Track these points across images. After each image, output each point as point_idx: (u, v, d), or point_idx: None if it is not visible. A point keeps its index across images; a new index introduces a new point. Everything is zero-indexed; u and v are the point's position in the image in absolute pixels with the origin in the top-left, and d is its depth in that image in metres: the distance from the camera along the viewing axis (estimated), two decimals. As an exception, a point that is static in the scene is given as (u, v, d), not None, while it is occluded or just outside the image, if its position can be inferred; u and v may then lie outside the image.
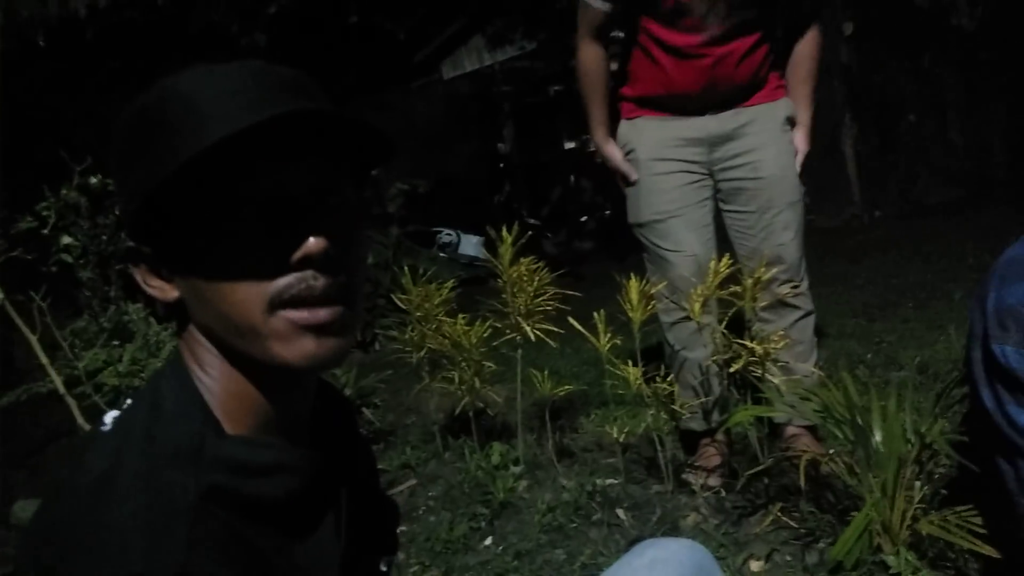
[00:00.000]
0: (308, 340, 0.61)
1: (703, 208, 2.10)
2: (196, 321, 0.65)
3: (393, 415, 3.05)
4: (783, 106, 2.11)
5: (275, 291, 0.60)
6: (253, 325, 0.60)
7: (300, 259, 0.59)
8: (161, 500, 0.56)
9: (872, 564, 1.56)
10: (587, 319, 2.11)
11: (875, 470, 1.58)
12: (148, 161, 0.58)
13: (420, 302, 2.36)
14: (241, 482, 0.61)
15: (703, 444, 2.17)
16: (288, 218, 0.60)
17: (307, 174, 0.61)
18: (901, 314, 3.60)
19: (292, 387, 0.67)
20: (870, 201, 7.65)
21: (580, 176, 9.76)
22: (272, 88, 0.60)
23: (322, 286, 0.60)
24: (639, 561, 0.94)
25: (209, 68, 0.61)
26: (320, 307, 0.61)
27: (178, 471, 0.58)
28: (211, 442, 0.61)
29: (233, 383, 0.64)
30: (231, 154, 0.57)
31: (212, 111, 0.57)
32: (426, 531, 2.08)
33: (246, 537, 0.60)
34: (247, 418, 0.64)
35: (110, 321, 3.12)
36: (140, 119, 0.61)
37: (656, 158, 2.09)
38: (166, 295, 0.64)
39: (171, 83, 0.60)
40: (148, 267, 0.65)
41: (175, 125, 0.58)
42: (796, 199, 2.09)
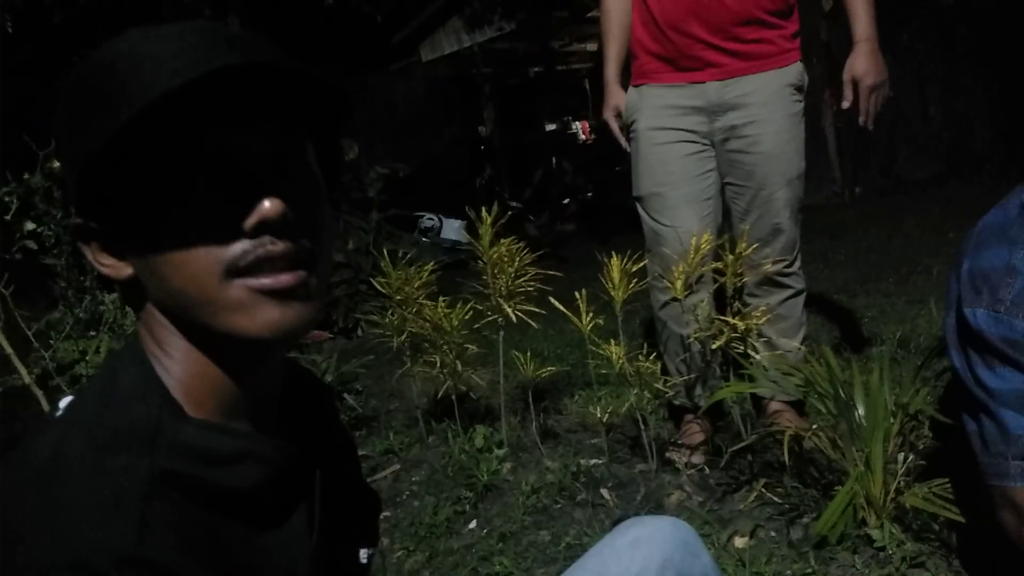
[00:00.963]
0: (270, 307, 0.58)
1: (705, 181, 2.02)
2: (153, 298, 0.61)
3: (376, 400, 3.03)
4: (792, 73, 1.98)
5: (231, 258, 0.56)
6: (210, 296, 0.57)
7: (256, 224, 0.56)
8: (110, 483, 0.54)
9: (856, 538, 1.56)
10: (569, 301, 2.09)
11: (858, 444, 1.58)
12: (90, 125, 0.55)
13: (400, 285, 2.33)
14: (201, 470, 0.58)
15: (686, 421, 2.17)
16: (242, 183, 0.57)
17: (261, 138, 0.58)
18: (882, 289, 3.62)
19: (257, 364, 0.64)
20: (851, 178, 7.69)
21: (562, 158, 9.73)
22: (221, 45, 0.57)
23: (281, 251, 0.57)
24: (622, 540, 0.92)
25: (152, 28, 0.58)
26: (283, 272, 0.58)
27: (129, 455, 0.55)
28: (169, 426, 0.58)
29: (195, 363, 0.61)
30: (179, 116, 0.54)
31: (156, 69, 0.54)
32: (410, 516, 2.06)
33: (207, 526, 0.57)
34: (210, 401, 0.61)
35: (86, 312, 3.07)
36: (81, 83, 0.57)
37: (657, 127, 2.03)
38: (119, 273, 0.61)
39: (112, 45, 0.57)
40: (99, 244, 0.61)
41: (117, 86, 0.55)
42: (794, 176, 1.99)
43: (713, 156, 2.03)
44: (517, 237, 2.27)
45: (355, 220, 4.50)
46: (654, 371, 1.98)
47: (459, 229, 6.72)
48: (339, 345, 3.92)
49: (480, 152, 9.69)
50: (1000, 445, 1.16)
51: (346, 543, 0.77)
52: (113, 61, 0.56)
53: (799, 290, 2.09)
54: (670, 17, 1.98)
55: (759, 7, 1.94)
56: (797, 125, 2.00)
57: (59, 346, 2.59)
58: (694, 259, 1.92)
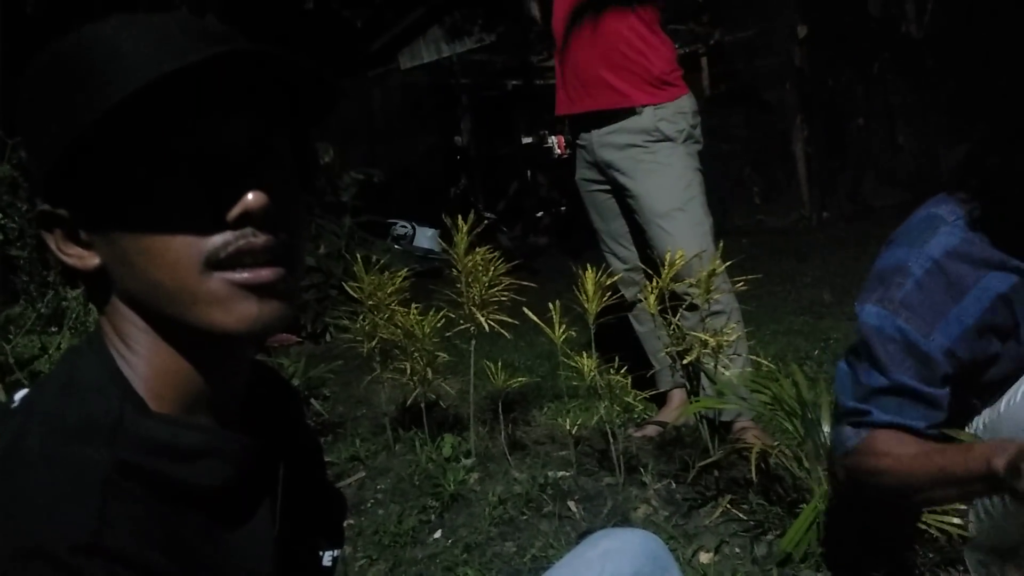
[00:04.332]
0: (249, 302, 0.57)
1: (619, 220, 2.37)
2: (121, 291, 0.60)
3: (343, 407, 3.00)
4: (647, 117, 2.22)
5: (211, 249, 0.55)
6: (187, 288, 0.56)
7: (239, 215, 0.56)
8: (68, 473, 0.53)
9: (820, 556, 1.57)
10: (541, 312, 2.09)
11: (824, 462, 1.59)
12: (66, 111, 0.54)
13: (372, 291, 2.31)
14: (163, 465, 0.57)
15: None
16: (225, 173, 0.56)
17: (243, 128, 0.57)
18: (847, 312, 3.67)
19: (224, 361, 0.62)
20: (818, 202, 7.82)
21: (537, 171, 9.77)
22: (202, 37, 0.56)
23: (263, 243, 0.56)
24: (593, 552, 0.92)
25: (132, 16, 0.57)
26: (262, 267, 0.57)
27: (88, 446, 0.54)
28: (130, 420, 0.56)
29: (160, 358, 0.60)
30: (160, 105, 0.53)
31: (138, 57, 0.53)
32: (374, 524, 2.04)
33: (167, 520, 0.56)
34: (173, 396, 0.60)
35: (48, 307, 3.00)
36: (55, 67, 0.56)
37: (581, 178, 2.44)
38: (86, 263, 0.59)
39: (90, 30, 0.56)
40: (64, 232, 0.59)
41: (96, 72, 0.53)
42: (672, 208, 2.20)
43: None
44: (490, 248, 2.27)
45: (328, 224, 4.47)
46: (624, 384, 1.98)
47: (432, 238, 6.70)
48: (307, 349, 3.88)
49: (455, 162, 9.69)
50: (838, 420, 1.33)
51: (309, 543, 0.76)
52: (92, 45, 0.55)
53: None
54: (566, 78, 2.35)
55: (604, 65, 2.22)
56: (665, 163, 2.22)
57: (18, 341, 2.53)
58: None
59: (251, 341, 0.63)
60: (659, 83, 2.23)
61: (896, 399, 1.23)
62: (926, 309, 1.21)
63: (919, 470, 1.17)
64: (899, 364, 1.22)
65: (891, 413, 1.23)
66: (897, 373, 1.22)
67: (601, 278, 2.01)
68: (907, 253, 1.24)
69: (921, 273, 1.22)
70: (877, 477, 1.24)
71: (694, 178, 2.24)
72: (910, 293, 1.21)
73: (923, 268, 1.22)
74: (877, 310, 1.25)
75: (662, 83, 2.24)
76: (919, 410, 1.23)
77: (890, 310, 1.23)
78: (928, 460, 1.16)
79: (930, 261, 1.22)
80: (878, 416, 1.24)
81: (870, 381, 1.25)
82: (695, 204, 2.21)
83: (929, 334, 1.21)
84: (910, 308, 1.21)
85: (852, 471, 1.29)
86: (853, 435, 1.27)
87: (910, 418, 1.23)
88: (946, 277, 1.21)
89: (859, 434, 1.26)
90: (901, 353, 1.22)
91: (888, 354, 1.22)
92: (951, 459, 1.12)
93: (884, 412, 1.24)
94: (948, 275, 1.21)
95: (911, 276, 1.22)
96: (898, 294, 1.22)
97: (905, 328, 1.21)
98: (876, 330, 1.24)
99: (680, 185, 2.21)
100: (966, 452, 1.11)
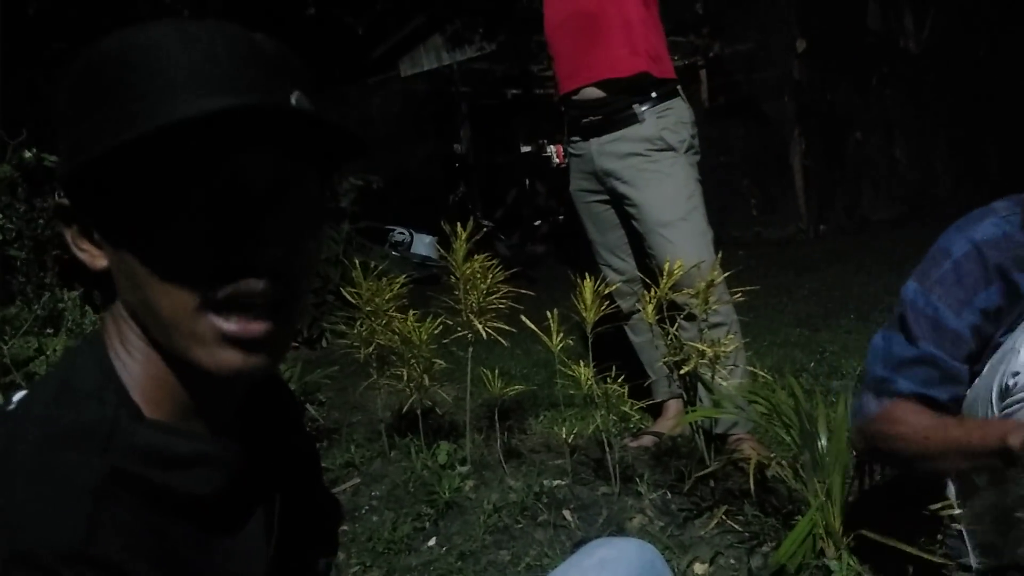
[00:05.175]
0: (233, 353, 0.57)
1: (617, 231, 2.37)
2: (123, 298, 0.60)
3: (338, 412, 2.99)
4: (649, 125, 2.22)
5: (212, 287, 0.55)
6: (179, 323, 0.56)
7: (230, 294, 0.55)
8: (60, 479, 0.52)
9: (815, 568, 1.57)
10: (539, 320, 2.09)
11: (820, 474, 1.59)
12: (102, 119, 0.54)
13: (370, 297, 2.31)
14: (156, 472, 0.56)
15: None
16: (242, 207, 0.55)
17: (269, 166, 0.56)
18: (844, 325, 3.68)
19: (218, 381, 0.62)
20: (816, 215, 7.84)
21: (535, 180, 9.79)
22: (249, 63, 0.55)
23: (261, 289, 0.56)
24: (589, 561, 0.92)
25: (179, 25, 0.56)
26: (254, 320, 0.56)
27: (81, 452, 0.54)
28: (124, 426, 0.56)
29: (156, 367, 0.60)
30: (190, 135, 0.52)
31: (181, 79, 0.53)
32: (368, 531, 2.03)
33: (159, 528, 0.56)
34: (168, 403, 0.60)
35: (44, 308, 2.99)
36: (99, 69, 0.55)
37: (576, 189, 2.43)
38: (95, 263, 0.60)
39: (135, 35, 0.55)
40: (80, 228, 0.59)
41: (138, 86, 0.53)
42: (674, 219, 2.19)
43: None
44: (488, 256, 2.28)
45: (326, 230, 4.47)
46: (621, 394, 1.98)
47: (430, 245, 6.70)
48: (303, 355, 3.87)
49: (454, 170, 9.71)
50: (863, 389, 1.38)
51: (304, 551, 0.76)
52: (136, 55, 0.54)
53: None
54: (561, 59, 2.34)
55: (599, 35, 2.21)
56: (667, 173, 2.22)
57: (15, 342, 2.52)
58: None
59: (231, 382, 0.62)
60: (655, 55, 2.22)
61: (923, 371, 1.31)
62: (959, 289, 1.29)
63: (933, 439, 1.24)
64: (929, 337, 1.30)
65: (916, 384, 1.31)
66: (927, 345, 1.30)
67: (599, 287, 2.01)
68: (954, 236, 1.33)
69: (960, 255, 1.30)
70: (892, 443, 1.32)
71: (695, 188, 2.24)
72: (947, 273, 1.30)
73: (962, 251, 1.30)
74: (915, 286, 1.34)
75: (658, 56, 2.23)
76: (943, 384, 1.31)
77: (926, 287, 1.32)
78: (943, 431, 1.24)
79: (970, 245, 1.30)
80: (903, 386, 1.32)
81: (901, 352, 1.33)
82: (697, 214, 2.21)
83: (960, 312, 1.29)
84: (944, 286, 1.30)
85: (869, 437, 1.37)
86: (875, 403, 1.35)
87: (933, 391, 1.31)
88: (983, 262, 1.28)
89: (880, 403, 1.34)
90: (932, 327, 1.30)
91: (920, 327, 1.31)
92: (965, 432, 1.20)
93: (909, 382, 1.32)
94: (985, 261, 1.28)
95: (950, 257, 1.31)
96: (936, 273, 1.31)
97: (938, 305, 1.30)
98: (911, 304, 1.33)
99: (683, 195, 2.20)
100: (982, 427, 1.19)
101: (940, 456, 1.25)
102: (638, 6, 2.21)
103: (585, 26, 2.23)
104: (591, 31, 2.22)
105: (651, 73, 2.20)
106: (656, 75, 2.21)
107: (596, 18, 2.21)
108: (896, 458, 1.39)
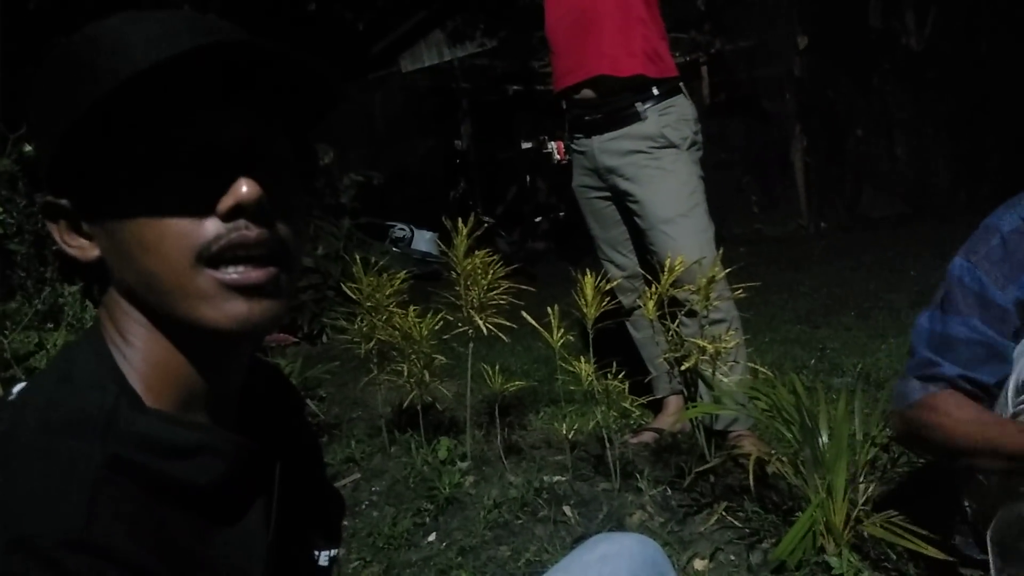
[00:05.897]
0: (237, 301, 0.57)
1: (619, 227, 2.37)
2: (118, 282, 0.60)
3: (338, 408, 2.99)
4: (652, 123, 2.21)
5: (203, 242, 0.56)
6: (179, 282, 0.56)
7: (232, 207, 0.56)
8: (60, 466, 0.53)
9: (815, 564, 1.57)
10: (539, 316, 2.09)
11: (821, 471, 1.59)
12: (69, 100, 0.54)
13: (371, 292, 2.31)
14: (156, 461, 0.57)
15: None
16: (218, 162, 0.56)
17: (238, 120, 0.57)
18: (844, 322, 3.68)
19: (221, 357, 0.62)
20: (816, 212, 7.84)
21: (536, 176, 9.77)
22: (207, 32, 0.56)
23: (255, 237, 0.57)
24: (590, 556, 0.92)
25: (139, 12, 0.57)
26: (253, 267, 0.57)
27: (81, 440, 0.54)
28: (125, 415, 0.56)
29: (156, 352, 0.60)
30: (159, 95, 0.53)
31: (140, 48, 0.53)
32: (368, 526, 2.03)
33: (159, 517, 0.56)
34: (169, 392, 0.60)
35: (44, 303, 2.99)
36: (63, 60, 0.56)
37: (579, 185, 2.43)
38: (86, 254, 0.60)
39: (97, 25, 0.57)
40: (68, 223, 0.60)
41: (100, 63, 0.54)
42: (673, 216, 2.18)
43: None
44: (489, 252, 2.27)
45: (326, 226, 4.46)
46: (621, 390, 1.98)
47: (430, 241, 6.70)
48: (303, 350, 3.87)
49: (455, 166, 9.70)
50: (907, 372, 1.35)
51: (304, 544, 0.76)
52: (96, 37, 0.56)
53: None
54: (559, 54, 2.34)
55: (598, 33, 2.20)
56: (669, 169, 2.21)
57: (15, 336, 2.52)
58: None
59: (244, 339, 0.62)
60: (654, 55, 2.22)
61: (969, 349, 1.28)
62: (1006, 264, 1.27)
63: (973, 437, 1.23)
64: (976, 313, 1.28)
65: (961, 365, 1.29)
66: (974, 320, 1.28)
67: (600, 283, 2.01)
68: (1003, 213, 1.32)
69: (1008, 231, 1.29)
70: (931, 432, 1.29)
71: (698, 185, 2.23)
72: (995, 248, 1.29)
73: (1011, 227, 1.29)
74: (962, 262, 1.32)
75: (657, 55, 2.23)
76: (989, 364, 1.28)
77: (973, 262, 1.30)
78: (983, 429, 1.22)
79: (1020, 220, 1.28)
80: (948, 369, 1.29)
81: (947, 329, 1.31)
82: (699, 211, 2.21)
83: (1005, 287, 1.27)
84: (991, 261, 1.28)
85: (909, 423, 1.34)
86: (919, 388, 1.32)
87: (979, 372, 1.28)
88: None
89: (926, 388, 1.32)
90: (978, 303, 1.28)
91: (967, 303, 1.29)
92: (1007, 435, 1.18)
93: (955, 364, 1.29)
94: None
95: (998, 233, 1.29)
96: (983, 248, 1.30)
97: (984, 280, 1.28)
98: (958, 280, 1.31)
99: (685, 191, 2.20)
100: (1021, 431, 1.17)
101: (976, 454, 1.23)
102: (639, 3, 2.20)
103: (584, 21, 2.22)
104: (590, 27, 2.21)
105: (647, 74, 2.20)
106: (653, 75, 2.21)
107: (596, 14, 2.20)
108: (933, 448, 1.37)
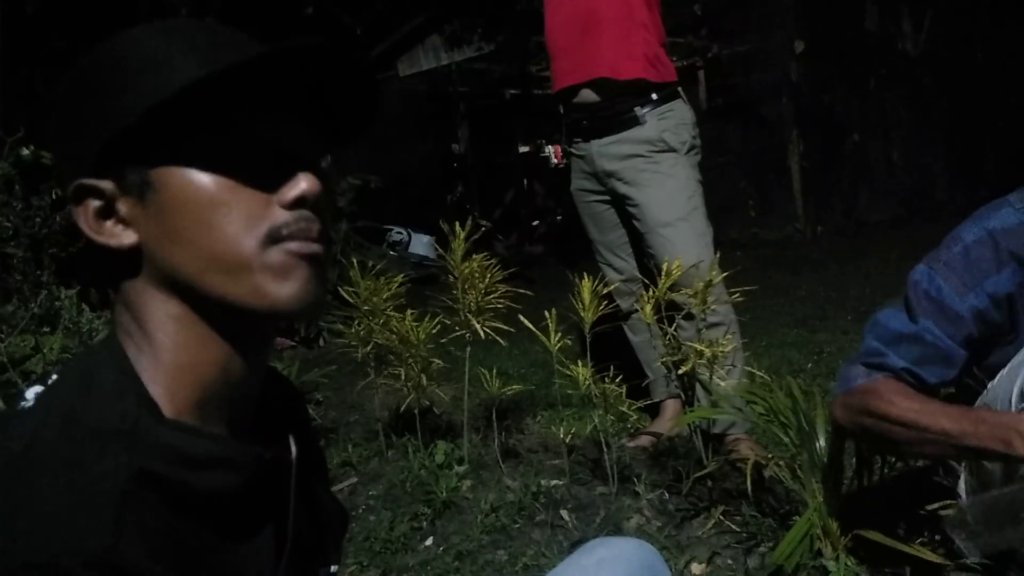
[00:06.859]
0: (303, 271, 0.60)
1: (618, 231, 2.37)
2: (156, 271, 0.59)
3: (335, 412, 2.99)
4: (651, 127, 2.22)
5: (274, 226, 0.59)
6: (245, 260, 0.58)
7: (297, 197, 0.59)
8: (86, 480, 0.52)
9: (812, 568, 1.57)
10: (537, 320, 2.09)
11: (818, 475, 1.59)
12: (121, 99, 0.57)
13: (368, 296, 2.31)
14: (178, 472, 0.56)
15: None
16: (283, 158, 0.60)
17: (294, 124, 0.62)
18: (841, 326, 3.69)
19: (248, 352, 0.62)
20: (813, 216, 7.85)
21: (533, 180, 9.78)
22: (234, 43, 0.61)
23: (318, 228, 0.61)
24: (588, 560, 0.92)
25: (164, 22, 0.61)
26: (311, 243, 0.61)
27: (106, 452, 0.53)
28: (145, 425, 0.56)
29: (185, 350, 0.59)
30: (222, 99, 0.57)
31: (219, 52, 0.58)
32: (365, 530, 2.03)
33: (179, 531, 0.55)
34: (192, 398, 0.59)
35: (41, 307, 2.98)
36: (105, 61, 0.59)
37: (577, 189, 2.43)
38: (119, 240, 0.59)
39: (129, 33, 0.60)
40: (97, 209, 0.59)
41: (148, 65, 0.58)
42: (672, 219, 2.19)
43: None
44: (486, 255, 2.27)
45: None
46: (619, 394, 1.98)
47: (428, 244, 6.69)
48: (300, 354, 3.87)
49: (452, 169, 9.70)
50: (852, 359, 1.37)
51: (312, 558, 0.75)
52: (139, 45, 0.59)
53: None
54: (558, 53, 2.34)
55: (597, 34, 2.21)
56: (669, 174, 2.22)
57: (11, 340, 2.52)
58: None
59: (290, 317, 0.63)
60: (654, 59, 2.22)
61: (917, 348, 1.30)
62: (967, 272, 1.29)
63: (921, 425, 1.22)
64: (929, 315, 1.30)
65: (908, 360, 1.30)
66: (926, 322, 1.30)
67: (597, 287, 2.01)
68: (968, 225, 1.34)
69: (971, 240, 1.31)
70: (873, 419, 1.29)
71: (696, 188, 2.24)
72: (956, 256, 1.31)
73: (974, 237, 1.31)
74: (924, 268, 1.34)
75: (657, 59, 2.23)
76: (935, 365, 1.30)
77: (935, 269, 1.32)
78: (932, 418, 1.22)
79: (984, 232, 1.30)
80: (894, 361, 1.31)
81: (898, 326, 1.33)
82: (697, 214, 2.21)
83: (964, 295, 1.29)
84: (952, 268, 1.30)
85: (850, 409, 1.34)
86: (863, 374, 1.34)
87: (924, 370, 1.30)
88: (994, 248, 1.29)
89: (869, 375, 1.33)
90: (934, 307, 1.30)
91: (921, 305, 1.31)
92: (958, 425, 1.18)
93: (901, 358, 1.31)
94: (997, 247, 1.29)
95: (961, 242, 1.32)
96: (945, 256, 1.32)
97: (943, 286, 1.30)
98: (916, 284, 1.33)
99: (683, 195, 2.20)
100: (976, 423, 1.16)
101: (924, 444, 1.23)
102: (640, 7, 2.20)
103: (587, 24, 2.23)
104: (592, 29, 2.21)
105: (647, 79, 2.20)
106: (653, 79, 2.21)
107: (599, 17, 2.20)
108: (875, 436, 1.34)
